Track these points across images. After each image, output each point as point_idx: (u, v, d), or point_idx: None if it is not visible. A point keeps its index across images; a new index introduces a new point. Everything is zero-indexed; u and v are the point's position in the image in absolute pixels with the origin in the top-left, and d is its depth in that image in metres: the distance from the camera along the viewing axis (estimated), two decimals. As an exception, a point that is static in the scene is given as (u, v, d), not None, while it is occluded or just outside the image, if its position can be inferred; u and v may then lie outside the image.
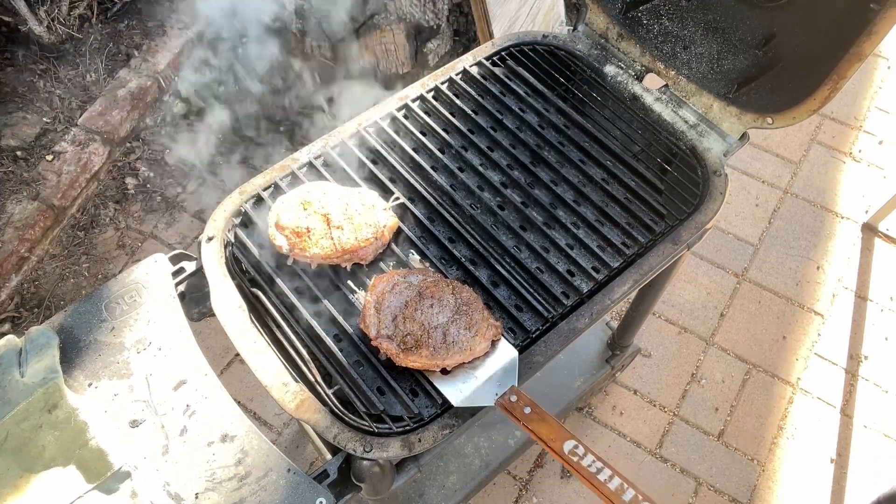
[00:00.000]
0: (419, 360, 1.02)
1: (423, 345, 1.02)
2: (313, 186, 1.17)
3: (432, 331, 1.03)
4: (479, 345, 1.05)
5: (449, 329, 1.03)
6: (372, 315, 1.05)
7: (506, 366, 1.06)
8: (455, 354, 1.03)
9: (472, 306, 1.07)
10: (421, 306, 1.05)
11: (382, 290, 1.07)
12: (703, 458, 2.11)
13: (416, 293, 1.06)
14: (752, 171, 2.75)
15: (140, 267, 1.15)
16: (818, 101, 1.15)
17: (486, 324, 1.07)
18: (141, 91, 2.68)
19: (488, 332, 1.06)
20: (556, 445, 0.93)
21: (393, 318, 1.04)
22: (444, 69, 1.41)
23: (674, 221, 1.23)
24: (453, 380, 1.04)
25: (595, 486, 0.85)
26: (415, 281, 1.08)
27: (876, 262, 2.53)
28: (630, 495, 0.81)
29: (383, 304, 1.05)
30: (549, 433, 0.95)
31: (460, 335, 1.04)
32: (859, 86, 3.03)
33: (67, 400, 0.97)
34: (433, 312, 1.04)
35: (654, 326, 2.35)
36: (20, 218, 2.34)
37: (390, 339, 1.03)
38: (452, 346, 1.03)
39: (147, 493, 0.94)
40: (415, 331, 1.03)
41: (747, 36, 1.25)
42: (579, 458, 0.90)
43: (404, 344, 1.02)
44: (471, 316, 1.06)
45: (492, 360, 1.06)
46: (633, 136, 1.35)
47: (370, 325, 1.04)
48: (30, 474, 0.93)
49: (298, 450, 2.08)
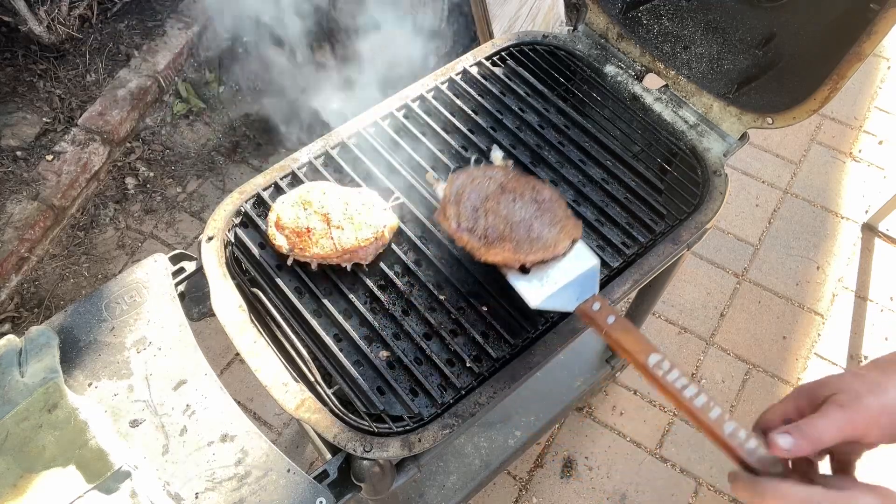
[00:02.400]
0: (501, 254, 0.99)
1: (507, 238, 0.99)
2: (313, 186, 1.17)
3: (515, 225, 0.99)
4: (561, 242, 1.01)
5: (532, 224, 1.00)
6: (452, 207, 1.01)
7: (586, 273, 1.02)
8: (538, 250, 0.99)
9: (556, 203, 1.04)
10: (503, 200, 1.01)
11: (463, 182, 1.03)
12: (703, 458, 2.11)
13: (497, 187, 1.02)
14: (752, 171, 2.75)
15: (140, 267, 1.15)
16: (818, 101, 1.15)
17: (570, 222, 1.03)
18: (141, 91, 2.68)
19: (572, 231, 1.03)
20: (641, 358, 0.87)
21: (474, 211, 1.00)
22: (444, 69, 1.41)
23: (674, 221, 1.23)
24: (532, 280, 1.01)
25: (680, 402, 0.80)
26: (496, 176, 1.04)
27: (876, 262, 2.53)
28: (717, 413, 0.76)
29: (463, 196, 1.01)
30: (633, 345, 0.89)
31: (544, 231, 1.00)
32: (859, 86, 3.03)
33: (67, 400, 0.97)
34: (516, 207, 1.01)
35: (654, 326, 2.35)
36: (20, 218, 2.34)
37: (471, 231, 1.00)
38: (536, 242, 0.99)
39: (147, 492, 0.94)
40: (497, 224, 0.99)
41: (747, 36, 1.25)
42: (664, 372, 0.84)
43: (486, 238, 0.99)
44: (554, 212, 1.02)
45: (572, 265, 1.03)
46: (633, 136, 1.35)
47: (450, 218, 1.01)
48: (30, 474, 0.93)
49: (298, 450, 2.08)
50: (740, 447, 0.71)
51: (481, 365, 1.06)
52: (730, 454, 0.72)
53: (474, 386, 1.04)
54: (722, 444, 0.73)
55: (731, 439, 0.72)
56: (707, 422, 0.75)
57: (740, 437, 0.71)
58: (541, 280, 1.01)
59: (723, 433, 0.73)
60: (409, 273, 1.15)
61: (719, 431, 0.73)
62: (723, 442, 0.73)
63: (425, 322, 1.10)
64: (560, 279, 1.02)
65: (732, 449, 0.71)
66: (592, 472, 2.08)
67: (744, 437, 0.71)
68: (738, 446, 0.71)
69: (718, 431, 0.73)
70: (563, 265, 1.03)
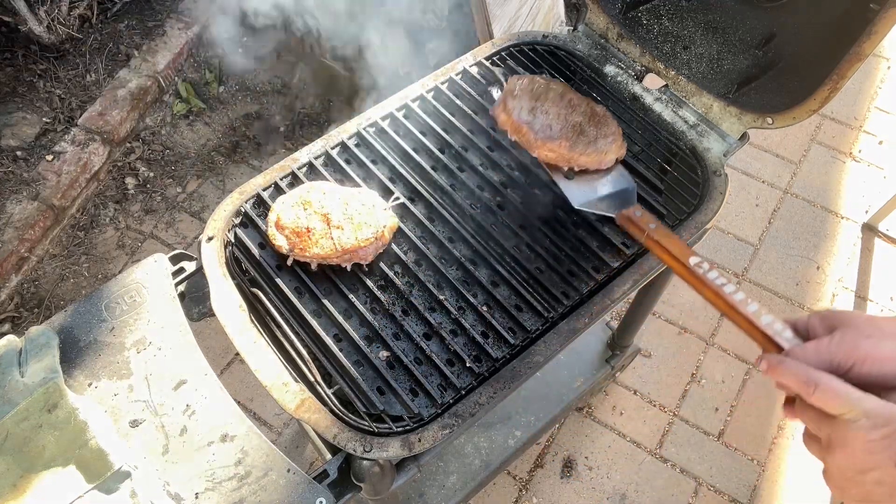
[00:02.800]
0: (556, 150, 1.05)
1: (564, 137, 1.05)
2: (313, 186, 1.17)
3: (572, 126, 1.06)
4: (610, 153, 1.08)
5: (586, 129, 1.07)
6: (513, 100, 1.07)
7: (626, 189, 1.10)
8: (590, 154, 1.07)
9: (609, 119, 1.12)
10: (562, 104, 1.08)
11: (525, 83, 1.11)
12: (703, 458, 2.11)
13: (556, 94, 1.10)
14: (752, 171, 2.75)
15: (140, 267, 1.15)
16: (818, 101, 1.15)
17: (620, 139, 1.11)
18: (141, 91, 2.68)
19: (619, 148, 1.11)
20: (683, 259, 0.93)
21: (531, 108, 1.06)
22: (444, 69, 1.41)
23: (674, 221, 1.23)
24: (576, 185, 1.09)
25: (721, 298, 0.87)
26: (554, 85, 1.13)
27: (876, 262, 2.53)
28: (754, 308, 0.83)
29: (525, 93, 1.08)
30: (675, 247, 0.96)
31: (598, 138, 1.07)
32: (859, 86, 3.03)
33: (67, 400, 0.97)
34: (574, 112, 1.08)
35: (654, 326, 2.35)
36: (20, 218, 2.34)
37: (530, 124, 1.05)
38: (589, 146, 1.06)
39: (147, 492, 0.94)
40: (554, 123, 1.06)
41: (747, 36, 1.25)
42: (704, 271, 0.91)
43: (544, 132, 1.05)
44: (608, 125, 1.11)
45: (613, 180, 1.11)
46: (633, 136, 1.35)
47: (512, 109, 1.06)
48: (30, 474, 0.93)
49: (298, 450, 2.08)
50: (777, 335, 0.78)
51: (481, 365, 1.06)
52: (766, 343, 0.80)
53: (474, 386, 1.04)
54: (759, 333, 0.81)
55: (768, 329, 0.80)
56: (746, 314, 0.83)
57: (777, 327, 0.79)
58: (584, 187, 1.09)
59: (760, 324, 0.81)
60: (409, 273, 1.15)
61: (757, 322, 0.81)
62: (760, 332, 0.80)
63: (425, 322, 1.10)
64: (601, 189, 1.10)
65: (770, 337, 0.79)
66: (592, 472, 2.08)
67: (780, 327, 0.79)
68: (775, 335, 0.79)
69: (757, 322, 0.81)
70: (605, 178, 1.11)
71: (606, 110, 1.16)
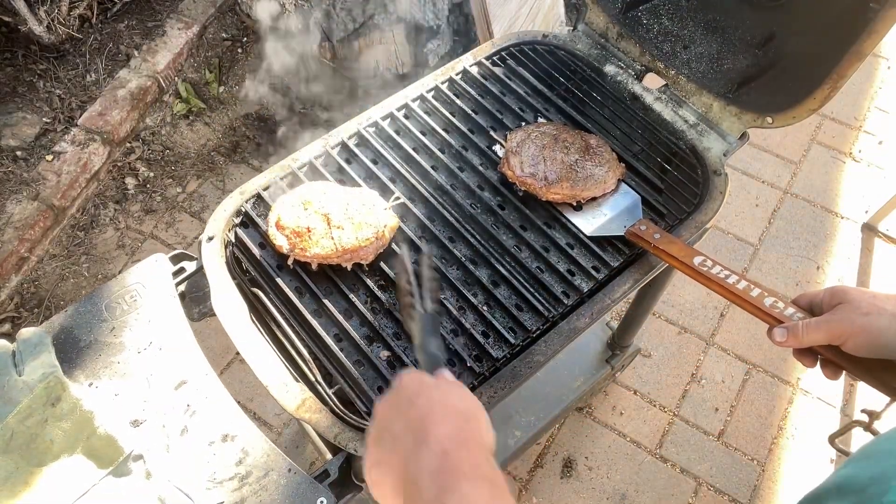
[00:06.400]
0: (560, 192, 1.18)
1: (564, 178, 1.18)
2: (313, 186, 1.17)
3: (570, 166, 1.19)
4: (610, 180, 1.21)
5: (585, 165, 1.20)
6: (515, 157, 1.21)
7: (630, 205, 1.23)
8: (592, 187, 1.19)
9: (602, 148, 1.24)
10: (557, 147, 1.21)
11: (521, 138, 1.24)
12: (703, 458, 2.11)
13: (551, 138, 1.23)
14: (752, 171, 2.75)
15: (140, 267, 1.15)
16: (818, 100, 1.15)
17: (615, 162, 1.24)
18: (141, 91, 2.68)
19: (617, 170, 1.23)
20: (688, 261, 1.06)
21: (533, 160, 1.19)
22: (444, 69, 1.41)
23: (674, 221, 1.23)
24: (584, 215, 1.22)
25: (726, 289, 1.00)
26: (548, 129, 1.25)
27: (876, 262, 2.53)
28: (756, 292, 0.97)
29: (523, 147, 1.22)
30: (679, 251, 1.08)
31: (595, 170, 1.20)
32: (859, 86, 3.03)
33: (70, 391, 0.97)
34: (569, 152, 1.21)
35: (654, 326, 2.35)
36: (20, 218, 2.34)
37: (533, 175, 1.18)
38: (589, 180, 1.19)
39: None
40: (555, 167, 1.19)
41: (747, 36, 1.25)
42: (708, 268, 1.04)
43: (546, 179, 1.18)
44: (601, 155, 1.22)
45: (617, 199, 1.23)
46: (633, 135, 1.35)
47: (514, 166, 1.20)
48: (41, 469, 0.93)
49: (298, 450, 2.08)
50: (780, 314, 0.94)
51: (482, 364, 1.06)
52: (773, 321, 0.95)
53: (475, 386, 1.04)
54: (764, 314, 0.96)
55: (772, 309, 0.95)
56: (750, 300, 0.97)
57: (779, 307, 0.95)
58: (593, 215, 1.22)
59: (764, 305, 0.95)
60: (409, 273, 1.15)
61: (761, 305, 0.96)
62: (765, 312, 0.95)
63: (426, 322, 1.10)
64: (608, 212, 1.22)
65: (774, 316, 0.94)
66: (592, 472, 2.08)
67: (782, 306, 0.95)
68: (779, 314, 0.94)
69: (760, 305, 0.96)
70: (610, 200, 1.23)
71: (599, 138, 1.27)
